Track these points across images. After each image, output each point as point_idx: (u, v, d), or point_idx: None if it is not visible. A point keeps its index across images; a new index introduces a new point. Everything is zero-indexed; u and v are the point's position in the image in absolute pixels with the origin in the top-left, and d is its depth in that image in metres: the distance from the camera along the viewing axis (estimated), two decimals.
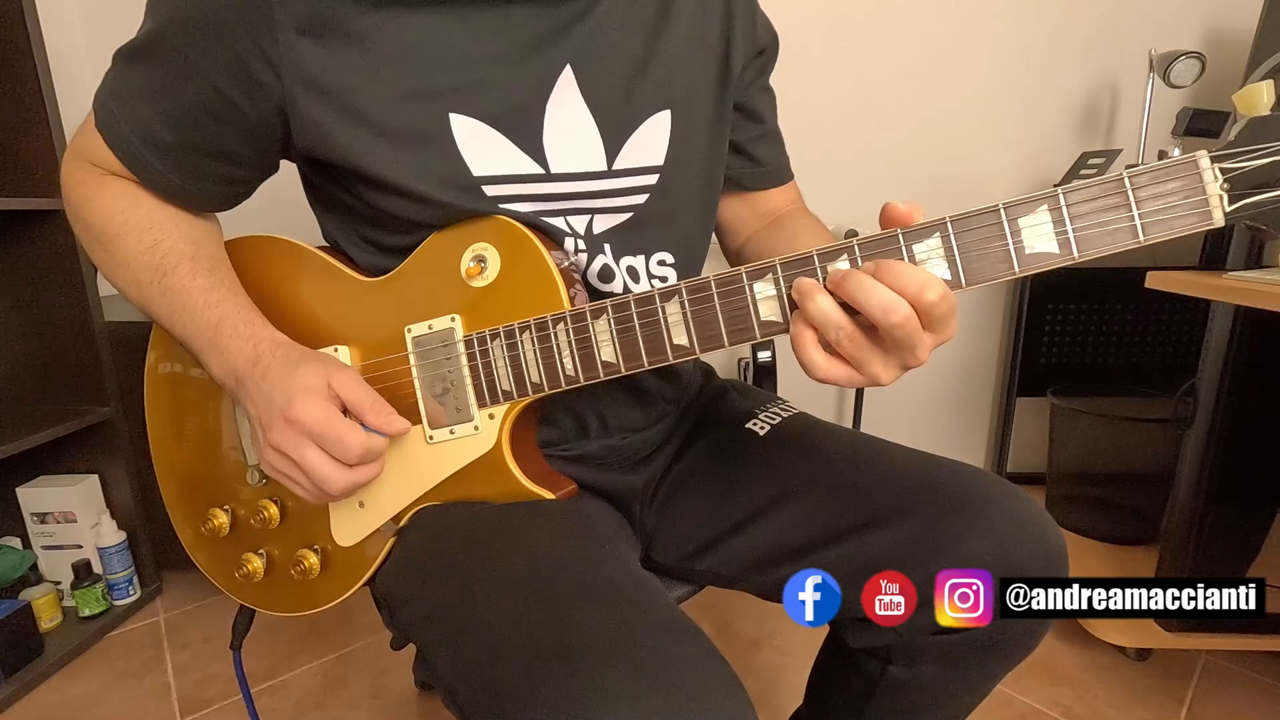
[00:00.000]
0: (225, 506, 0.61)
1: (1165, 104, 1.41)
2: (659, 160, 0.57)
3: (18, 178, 1.21)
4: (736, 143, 0.65)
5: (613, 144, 0.55)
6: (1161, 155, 1.26)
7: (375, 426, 0.49)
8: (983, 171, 1.58)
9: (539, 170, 0.52)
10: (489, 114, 0.50)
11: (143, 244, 0.53)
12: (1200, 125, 1.28)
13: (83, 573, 1.28)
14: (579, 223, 0.55)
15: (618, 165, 0.55)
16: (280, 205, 0.72)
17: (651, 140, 0.56)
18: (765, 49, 0.64)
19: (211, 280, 0.53)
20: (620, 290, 0.56)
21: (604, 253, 0.56)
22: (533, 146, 0.52)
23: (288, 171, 0.58)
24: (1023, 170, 1.58)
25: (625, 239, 0.57)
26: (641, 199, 0.57)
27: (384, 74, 0.48)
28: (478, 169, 0.51)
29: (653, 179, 0.57)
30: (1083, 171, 1.38)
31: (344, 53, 0.47)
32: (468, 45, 0.50)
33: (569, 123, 0.53)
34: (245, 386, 0.50)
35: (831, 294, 0.41)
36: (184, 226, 0.55)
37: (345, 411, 0.50)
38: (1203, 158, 0.37)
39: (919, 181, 1.58)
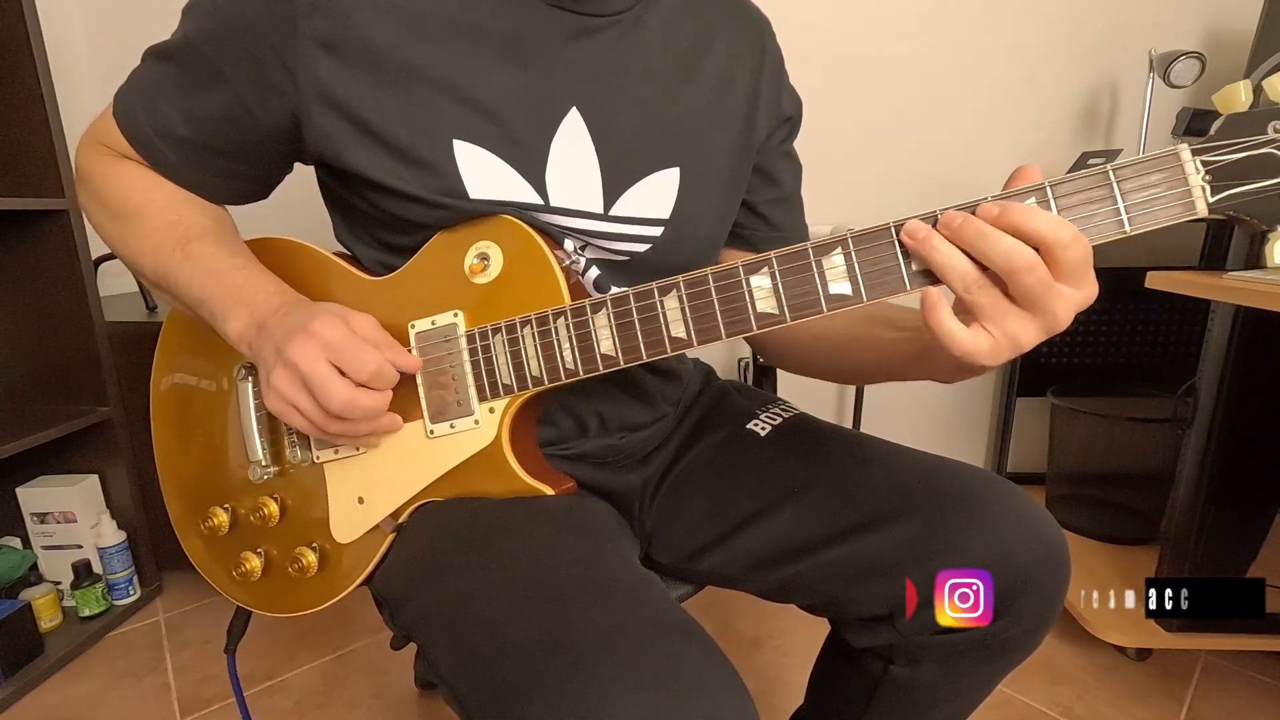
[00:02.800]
0: (225, 505, 0.61)
1: (1165, 104, 1.41)
2: (663, 214, 0.57)
3: (18, 178, 1.21)
4: (751, 203, 0.65)
5: (612, 190, 0.55)
6: None
7: (387, 360, 0.50)
8: (982, 171, 1.58)
9: (538, 201, 0.53)
10: (493, 143, 0.51)
11: (165, 219, 0.55)
12: (1200, 125, 1.27)
13: (83, 573, 1.28)
14: (570, 246, 0.56)
15: (614, 212, 0.55)
16: (292, 208, 0.73)
17: (655, 195, 0.56)
18: (791, 117, 0.65)
19: (235, 249, 0.55)
20: None
21: (594, 272, 0.57)
22: (535, 177, 0.52)
23: (299, 177, 0.59)
24: None
25: (617, 277, 0.58)
26: (642, 248, 0.57)
27: (394, 93, 0.49)
28: (476, 192, 0.51)
29: (656, 230, 0.57)
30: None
31: (360, 68, 0.49)
32: (479, 74, 0.50)
33: (573, 160, 0.53)
34: (266, 327, 0.50)
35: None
36: (204, 206, 0.57)
37: None
38: (1184, 150, 0.38)
39: (919, 181, 1.58)
